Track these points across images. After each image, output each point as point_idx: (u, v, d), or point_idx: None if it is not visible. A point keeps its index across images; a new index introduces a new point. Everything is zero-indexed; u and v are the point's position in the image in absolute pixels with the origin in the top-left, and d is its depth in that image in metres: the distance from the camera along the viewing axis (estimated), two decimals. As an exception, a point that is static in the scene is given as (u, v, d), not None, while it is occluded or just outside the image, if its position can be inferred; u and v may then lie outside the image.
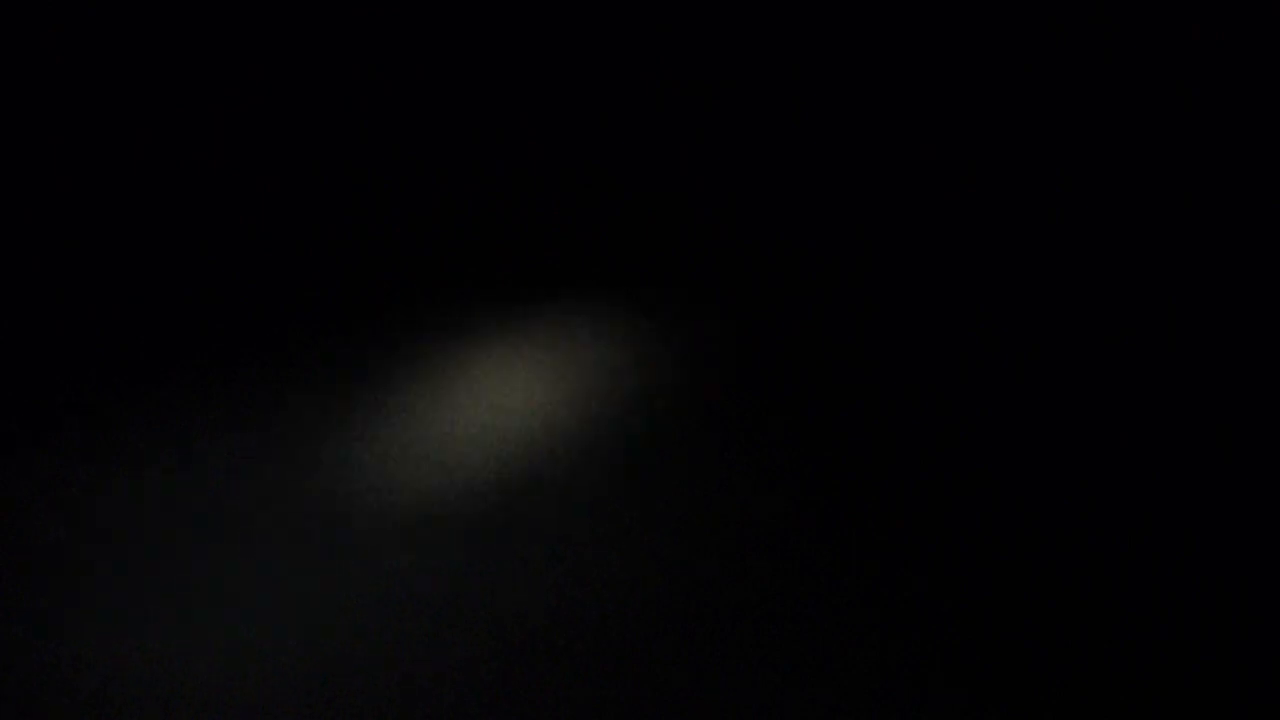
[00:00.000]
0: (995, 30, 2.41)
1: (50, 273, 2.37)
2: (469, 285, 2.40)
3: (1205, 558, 2.26)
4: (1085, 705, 2.21)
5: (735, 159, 2.43)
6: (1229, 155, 2.40)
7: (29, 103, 2.40)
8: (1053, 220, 2.38)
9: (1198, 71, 2.42)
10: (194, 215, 2.39)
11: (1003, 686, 2.22)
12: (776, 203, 2.41)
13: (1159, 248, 2.38)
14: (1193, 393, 2.32)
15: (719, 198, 2.42)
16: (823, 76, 2.42)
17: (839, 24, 2.41)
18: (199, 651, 2.22)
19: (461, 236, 2.41)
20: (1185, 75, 2.42)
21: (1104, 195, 2.39)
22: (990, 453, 2.32)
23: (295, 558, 2.27)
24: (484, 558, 2.28)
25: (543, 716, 2.20)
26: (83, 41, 2.40)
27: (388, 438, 2.33)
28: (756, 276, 2.40)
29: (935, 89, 2.41)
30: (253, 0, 2.40)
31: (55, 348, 2.34)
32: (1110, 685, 2.22)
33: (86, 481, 2.28)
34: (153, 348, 2.35)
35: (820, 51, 2.42)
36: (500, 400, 2.36)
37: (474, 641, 2.24)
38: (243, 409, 2.34)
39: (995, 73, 2.41)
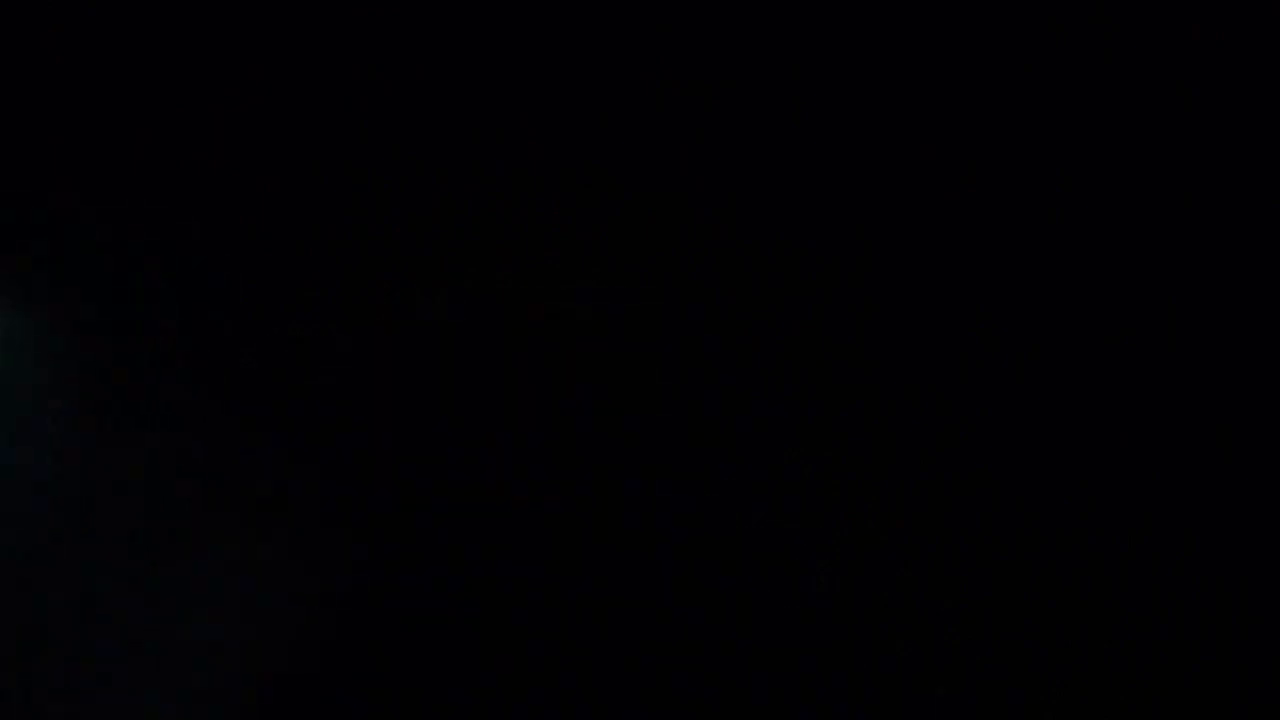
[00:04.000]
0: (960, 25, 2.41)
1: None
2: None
3: (1205, 558, 2.25)
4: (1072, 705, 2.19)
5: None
6: (1229, 155, 2.40)
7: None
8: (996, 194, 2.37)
9: (1198, 71, 2.42)
10: None
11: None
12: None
13: (1158, 248, 2.38)
14: (1193, 393, 2.32)
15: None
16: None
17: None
18: None
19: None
20: (1185, 75, 2.43)
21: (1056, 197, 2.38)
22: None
23: None
24: None
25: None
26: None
27: None
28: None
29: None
30: None
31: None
32: (1110, 685, 2.21)
33: None
34: None
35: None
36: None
37: None
38: None
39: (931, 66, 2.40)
